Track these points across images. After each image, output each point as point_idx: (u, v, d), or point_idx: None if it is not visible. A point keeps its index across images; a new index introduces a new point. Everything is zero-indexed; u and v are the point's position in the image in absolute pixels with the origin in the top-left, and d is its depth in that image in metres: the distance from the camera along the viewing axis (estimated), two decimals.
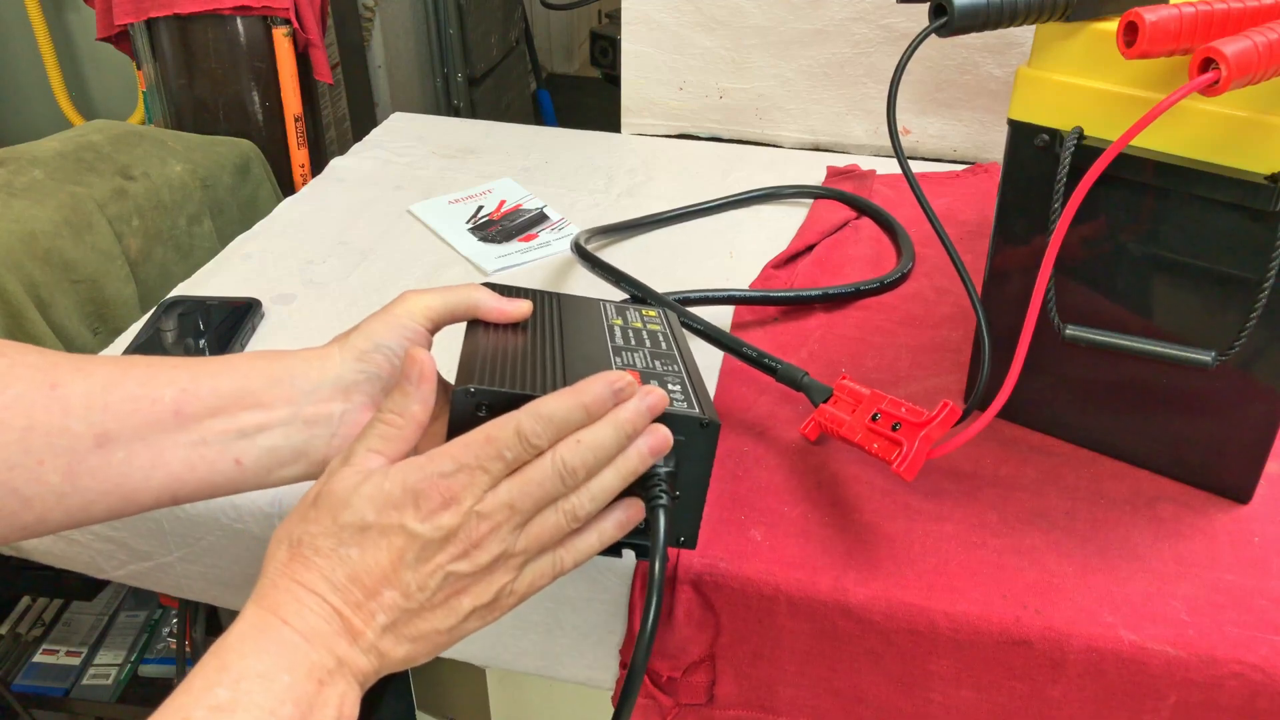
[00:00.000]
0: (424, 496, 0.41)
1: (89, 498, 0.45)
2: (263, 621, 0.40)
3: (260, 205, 1.29)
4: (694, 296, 0.76)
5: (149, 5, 1.35)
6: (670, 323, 0.57)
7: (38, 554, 0.70)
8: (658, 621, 0.44)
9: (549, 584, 0.46)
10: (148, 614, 1.34)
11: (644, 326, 0.56)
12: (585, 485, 0.44)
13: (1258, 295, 0.50)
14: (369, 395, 0.50)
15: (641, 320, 0.57)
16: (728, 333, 0.67)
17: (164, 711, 0.37)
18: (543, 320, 0.54)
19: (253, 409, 0.47)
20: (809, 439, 0.64)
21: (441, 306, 0.51)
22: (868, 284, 0.79)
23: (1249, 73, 0.43)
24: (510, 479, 0.43)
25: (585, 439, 0.43)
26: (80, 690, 1.24)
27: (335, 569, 0.41)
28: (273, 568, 0.42)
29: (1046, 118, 0.55)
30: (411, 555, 0.41)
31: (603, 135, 1.14)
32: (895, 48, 1.05)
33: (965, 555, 0.56)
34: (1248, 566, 0.55)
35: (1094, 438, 0.63)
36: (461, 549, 0.42)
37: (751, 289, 0.81)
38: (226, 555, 0.66)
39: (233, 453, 0.47)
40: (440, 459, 0.42)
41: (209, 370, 0.47)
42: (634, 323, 0.56)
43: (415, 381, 0.45)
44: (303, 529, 0.42)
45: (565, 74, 3.09)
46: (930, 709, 0.56)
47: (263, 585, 0.41)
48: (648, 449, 0.45)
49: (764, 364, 0.65)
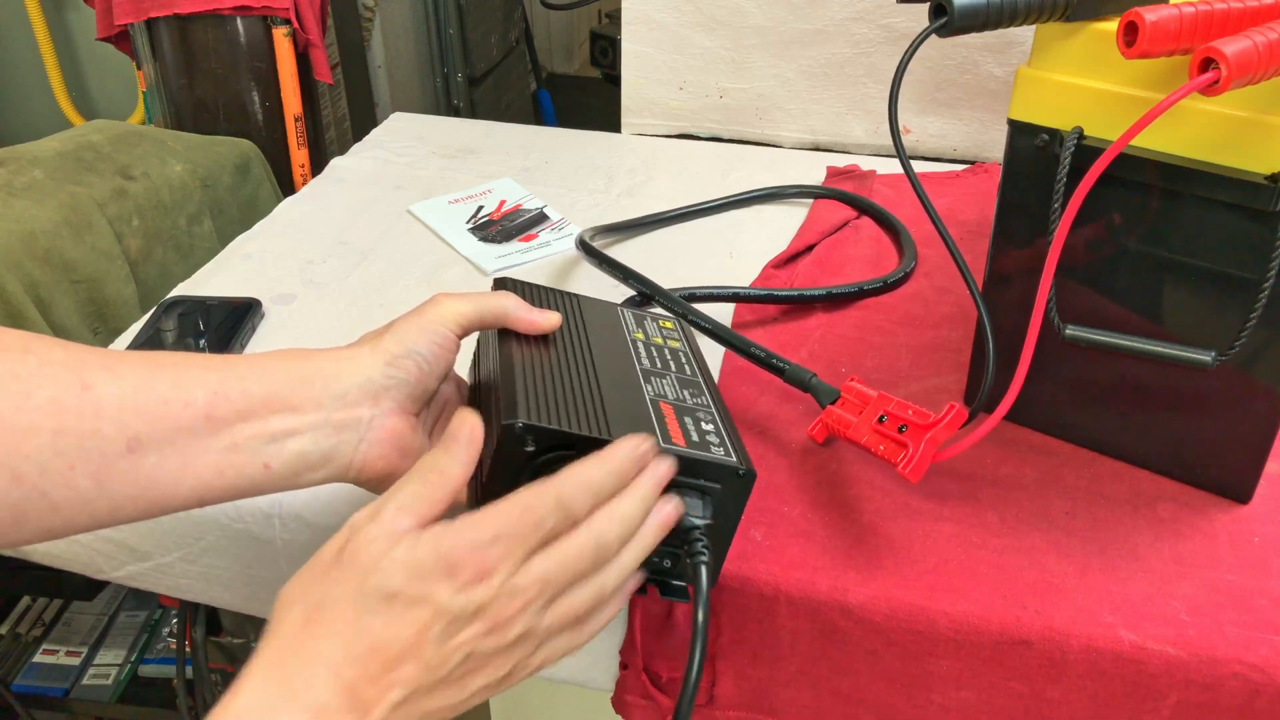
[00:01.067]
0: (459, 568, 0.39)
1: (117, 502, 0.44)
2: (270, 699, 0.37)
3: (260, 205, 1.29)
4: (700, 293, 0.76)
5: (149, 5, 1.35)
6: (687, 336, 0.57)
7: (37, 554, 0.70)
8: (701, 672, 0.43)
9: (559, 659, 0.44)
10: (148, 614, 1.34)
11: (665, 343, 0.56)
12: (616, 560, 0.44)
13: (1258, 295, 0.50)
14: (397, 401, 0.49)
15: (662, 336, 0.56)
16: (736, 333, 0.67)
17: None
18: (570, 333, 0.53)
19: (282, 412, 0.46)
20: (816, 441, 0.64)
21: (473, 313, 0.50)
22: (871, 283, 0.80)
23: (1249, 73, 0.43)
24: (545, 553, 0.41)
25: (617, 513, 0.43)
26: (80, 690, 1.24)
27: (356, 639, 0.38)
28: (286, 630, 0.39)
29: (1046, 118, 0.55)
30: (438, 629, 0.39)
31: (603, 135, 1.14)
32: (895, 48, 1.05)
33: (965, 555, 0.56)
34: (1248, 566, 0.55)
35: (1094, 438, 0.63)
36: (489, 625, 0.40)
37: (754, 287, 0.81)
38: (226, 556, 0.66)
39: (262, 458, 0.46)
40: (478, 526, 0.40)
41: (237, 372, 0.46)
42: (654, 338, 0.56)
43: (464, 443, 0.43)
44: (323, 591, 0.39)
45: (565, 74, 3.08)
46: (930, 709, 0.56)
47: (273, 649, 0.39)
48: (659, 525, 0.45)
49: (772, 364, 0.65)
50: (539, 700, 0.82)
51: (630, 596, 0.46)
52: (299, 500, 0.62)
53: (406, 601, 0.39)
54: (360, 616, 0.39)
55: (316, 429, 0.47)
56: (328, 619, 0.39)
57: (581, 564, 0.42)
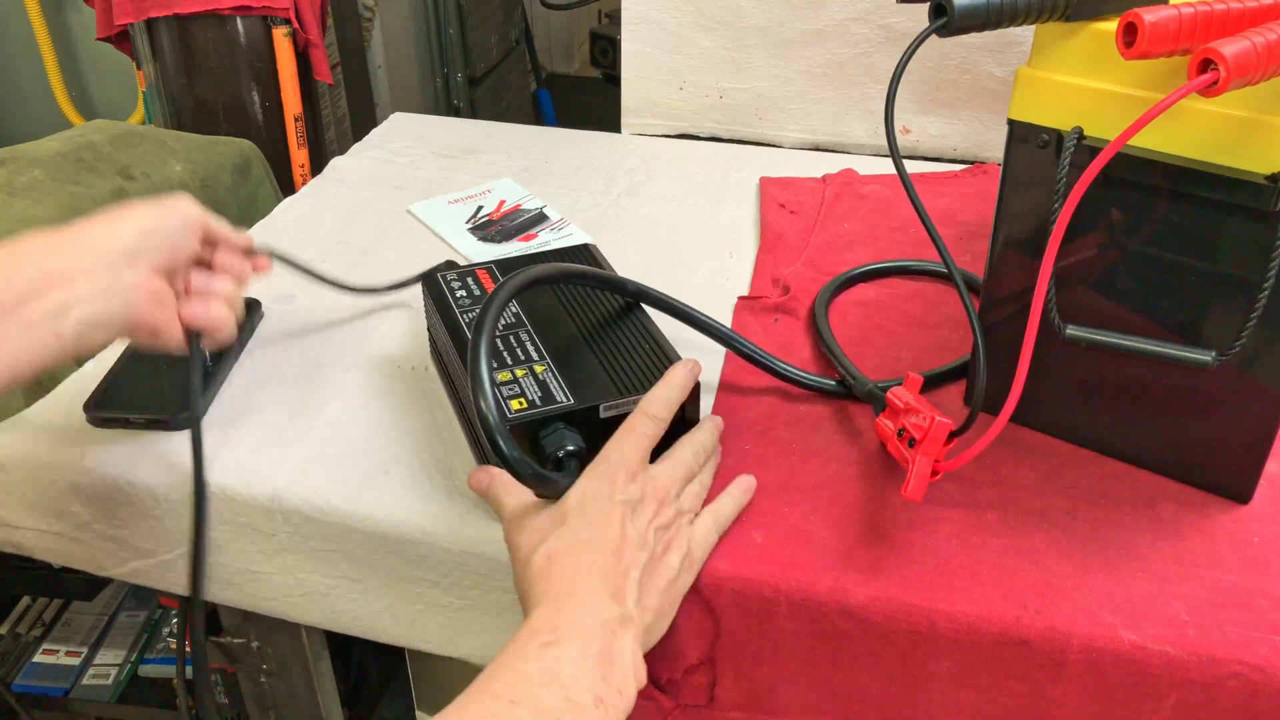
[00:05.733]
0: (614, 477, 0.53)
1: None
2: (556, 602, 0.49)
3: (260, 205, 1.29)
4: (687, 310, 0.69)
5: (149, 5, 1.35)
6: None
7: (38, 551, 0.70)
8: None
9: (716, 539, 0.57)
10: (148, 614, 1.34)
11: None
12: (708, 462, 0.60)
13: (1258, 295, 0.50)
14: (151, 264, 0.58)
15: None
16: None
17: (501, 655, 0.46)
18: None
19: (59, 287, 0.53)
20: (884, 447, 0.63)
21: (205, 217, 0.63)
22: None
23: (1248, 73, 0.43)
24: (660, 461, 0.57)
25: (696, 436, 0.60)
26: (80, 690, 1.24)
27: (586, 549, 0.51)
28: (536, 586, 0.51)
29: (1046, 118, 0.55)
30: (628, 516, 0.52)
31: (603, 135, 1.14)
32: (895, 48, 1.05)
33: (965, 555, 0.56)
34: (1248, 566, 0.55)
35: (1094, 438, 0.63)
36: (656, 503, 0.54)
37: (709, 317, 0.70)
38: (228, 551, 0.66)
39: (54, 329, 0.53)
40: (607, 458, 0.54)
41: (14, 262, 0.54)
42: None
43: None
44: (550, 545, 0.52)
45: (565, 74, 3.08)
46: (930, 709, 0.56)
47: (535, 589, 0.50)
48: (713, 433, 0.62)
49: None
50: None
51: (750, 493, 0.60)
52: (299, 495, 0.63)
53: (600, 511, 0.52)
54: (579, 534, 0.51)
55: (92, 296, 0.54)
56: (559, 551, 0.51)
57: (689, 463, 0.58)
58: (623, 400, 0.58)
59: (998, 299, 0.63)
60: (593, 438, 0.57)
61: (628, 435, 0.55)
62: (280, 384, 0.72)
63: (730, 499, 0.59)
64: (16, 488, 0.68)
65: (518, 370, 0.60)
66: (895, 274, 0.83)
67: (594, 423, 0.58)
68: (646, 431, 0.56)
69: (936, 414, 0.55)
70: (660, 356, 0.62)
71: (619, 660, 0.47)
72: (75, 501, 0.67)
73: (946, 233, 0.87)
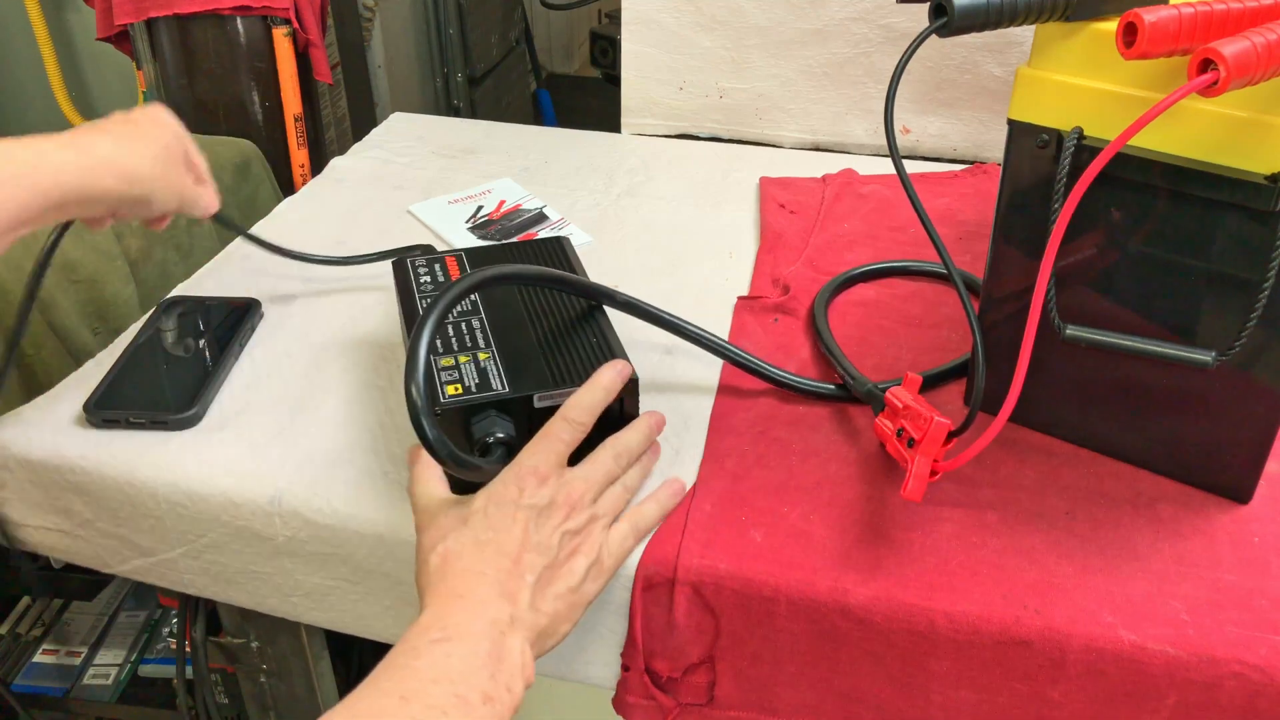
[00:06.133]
0: (522, 481, 0.53)
1: None
2: (445, 603, 0.49)
3: (260, 205, 1.28)
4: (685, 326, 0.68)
5: (149, 5, 1.35)
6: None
7: (42, 548, 0.71)
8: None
9: (634, 546, 0.57)
10: (148, 614, 1.34)
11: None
12: (635, 465, 0.60)
13: (1258, 295, 0.50)
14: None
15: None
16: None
17: (394, 651, 0.46)
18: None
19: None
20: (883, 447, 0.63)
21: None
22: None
23: (1248, 73, 0.43)
24: (581, 465, 0.56)
25: (621, 439, 0.58)
26: (80, 690, 1.24)
27: (482, 551, 0.51)
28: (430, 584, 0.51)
29: (1046, 118, 0.55)
30: (533, 521, 0.52)
31: (603, 135, 1.14)
32: (895, 48, 1.05)
33: (965, 555, 0.56)
34: (1248, 566, 0.55)
35: (1094, 438, 0.63)
36: (565, 509, 0.53)
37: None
38: (227, 551, 0.66)
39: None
40: (519, 463, 0.54)
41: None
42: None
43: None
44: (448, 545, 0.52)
45: (565, 74, 3.08)
46: (930, 709, 0.56)
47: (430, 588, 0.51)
48: (649, 430, 0.61)
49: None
50: (539, 700, 0.82)
51: (679, 497, 0.60)
52: (299, 498, 0.63)
53: (503, 515, 0.52)
54: (478, 537, 0.51)
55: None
56: (454, 560, 0.51)
57: (609, 466, 0.57)
58: (558, 391, 0.58)
59: (997, 299, 0.63)
60: (527, 427, 0.57)
61: (543, 440, 0.55)
62: (280, 384, 0.72)
63: (655, 503, 0.59)
64: (19, 486, 0.68)
65: (461, 357, 0.61)
66: (895, 274, 0.83)
67: (528, 412, 0.58)
68: (563, 436, 0.55)
69: (935, 414, 0.55)
70: (605, 353, 0.61)
71: (508, 659, 0.48)
72: (77, 500, 0.67)
73: (946, 233, 0.87)
